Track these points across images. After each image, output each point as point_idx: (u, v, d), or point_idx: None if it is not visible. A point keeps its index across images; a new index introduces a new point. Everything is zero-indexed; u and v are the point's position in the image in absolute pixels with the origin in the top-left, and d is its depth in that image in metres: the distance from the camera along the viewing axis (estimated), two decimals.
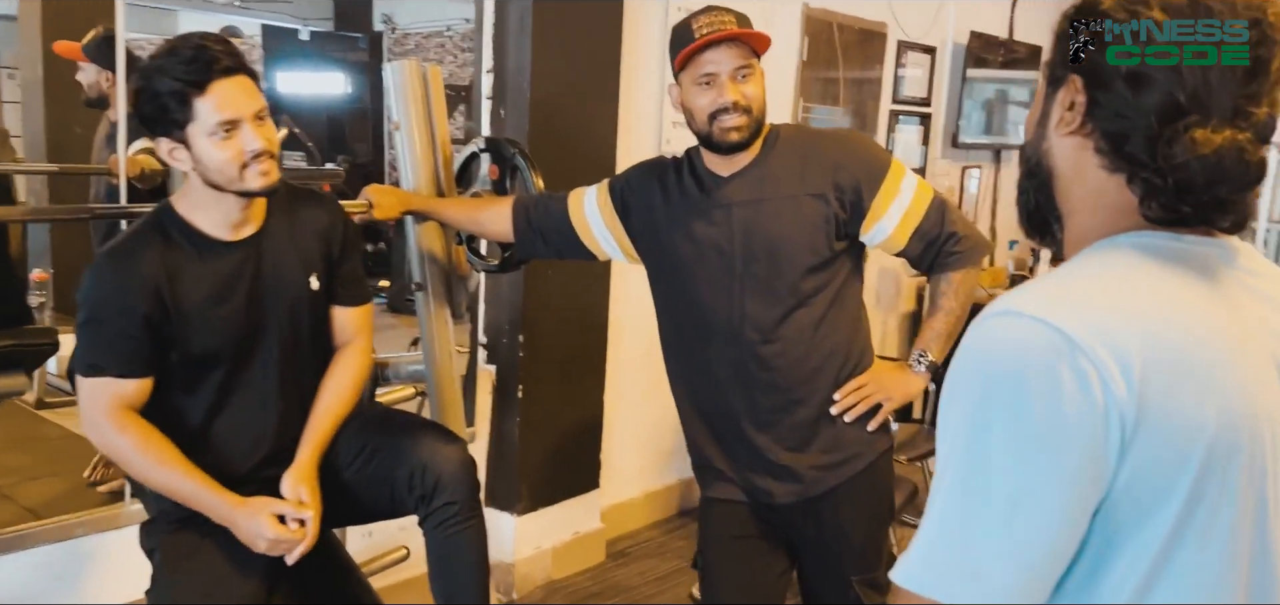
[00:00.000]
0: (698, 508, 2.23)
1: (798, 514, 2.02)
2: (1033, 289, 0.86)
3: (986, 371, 0.81)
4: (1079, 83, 0.90)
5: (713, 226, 1.98)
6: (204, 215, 1.80)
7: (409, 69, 2.40)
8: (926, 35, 5.10)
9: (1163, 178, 0.85)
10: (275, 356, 1.89)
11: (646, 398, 3.87)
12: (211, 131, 1.70)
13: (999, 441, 0.79)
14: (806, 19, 4.39)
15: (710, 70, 1.89)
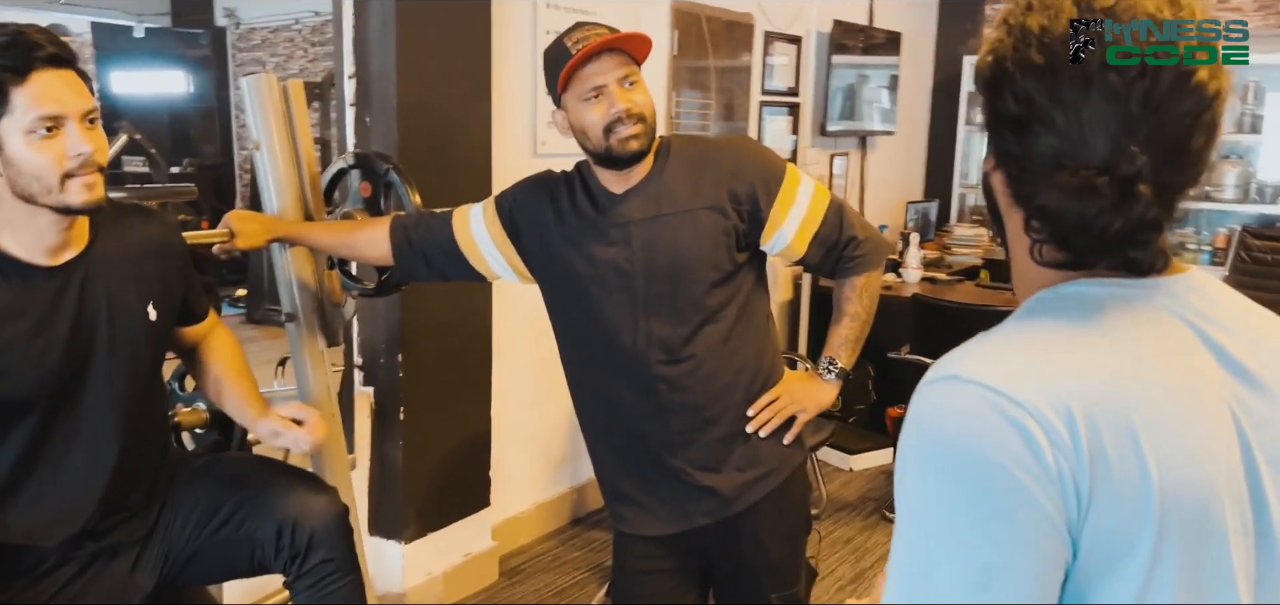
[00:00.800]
0: (597, 517, 2.15)
1: (717, 535, 1.95)
2: (976, 350, 0.82)
3: (939, 447, 0.78)
4: (988, 135, 0.88)
5: (612, 246, 1.90)
6: (13, 235, 1.54)
7: (267, 83, 2.22)
8: (792, 25, 5.12)
9: (1049, 227, 0.83)
10: (107, 400, 1.65)
11: (534, 406, 3.76)
12: (30, 128, 1.46)
13: (959, 518, 0.76)
14: (675, 11, 4.33)
15: (596, 83, 1.81)
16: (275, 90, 2.23)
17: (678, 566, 2.01)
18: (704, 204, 1.87)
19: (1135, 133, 0.78)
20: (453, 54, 3.16)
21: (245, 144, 8.82)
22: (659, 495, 1.96)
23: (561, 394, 1.94)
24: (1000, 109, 0.83)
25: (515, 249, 2.03)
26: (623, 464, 2.00)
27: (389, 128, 2.99)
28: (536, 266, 2.02)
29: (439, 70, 3.11)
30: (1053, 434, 0.75)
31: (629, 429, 1.96)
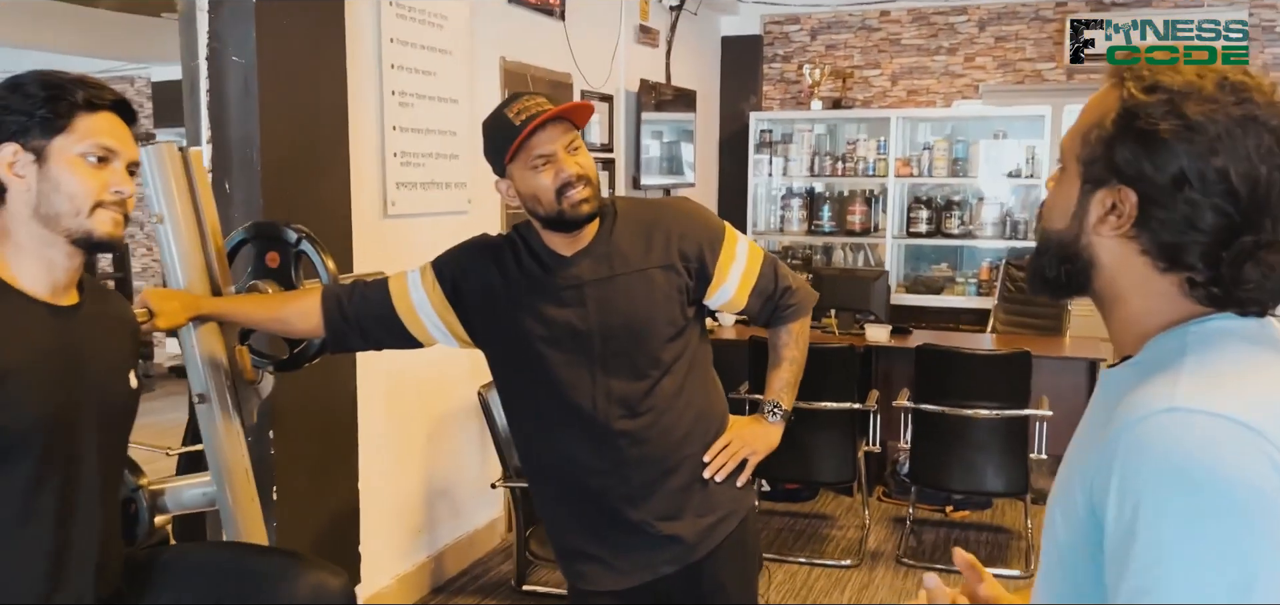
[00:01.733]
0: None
1: (680, 583, 2.01)
2: (1185, 383, 0.91)
3: (1189, 473, 0.85)
4: (1129, 196, 0.97)
5: (565, 308, 1.93)
6: (21, 267, 1.53)
7: (167, 152, 2.08)
8: (604, 84, 5.30)
9: (1225, 288, 0.95)
10: (95, 456, 1.59)
11: (390, 476, 3.66)
12: (85, 151, 1.51)
13: (1215, 536, 0.84)
14: (505, 71, 4.39)
15: (544, 151, 1.86)
16: (176, 159, 2.10)
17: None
18: (656, 263, 1.95)
19: None
20: (312, 119, 3.07)
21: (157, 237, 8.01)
22: (620, 549, 2.00)
23: (417, 461, 1.91)
24: (1161, 181, 0.95)
25: (455, 314, 2.02)
26: (581, 522, 2.02)
27: (252, 192, 2.87)
28: (481, 330, 2.02)
29: (300, 134, 3.01)
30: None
31: (587, 487, 1.98)
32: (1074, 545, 0.99)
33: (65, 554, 1.54)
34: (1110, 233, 1.00)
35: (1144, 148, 0.95)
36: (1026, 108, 6.40)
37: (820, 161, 6.73)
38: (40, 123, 1.51)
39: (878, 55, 6.93)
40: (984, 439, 4.15)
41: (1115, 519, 0.90)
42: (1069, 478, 1.01)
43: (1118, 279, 1.01)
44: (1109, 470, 0.92)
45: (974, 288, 6.48)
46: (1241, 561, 0.84)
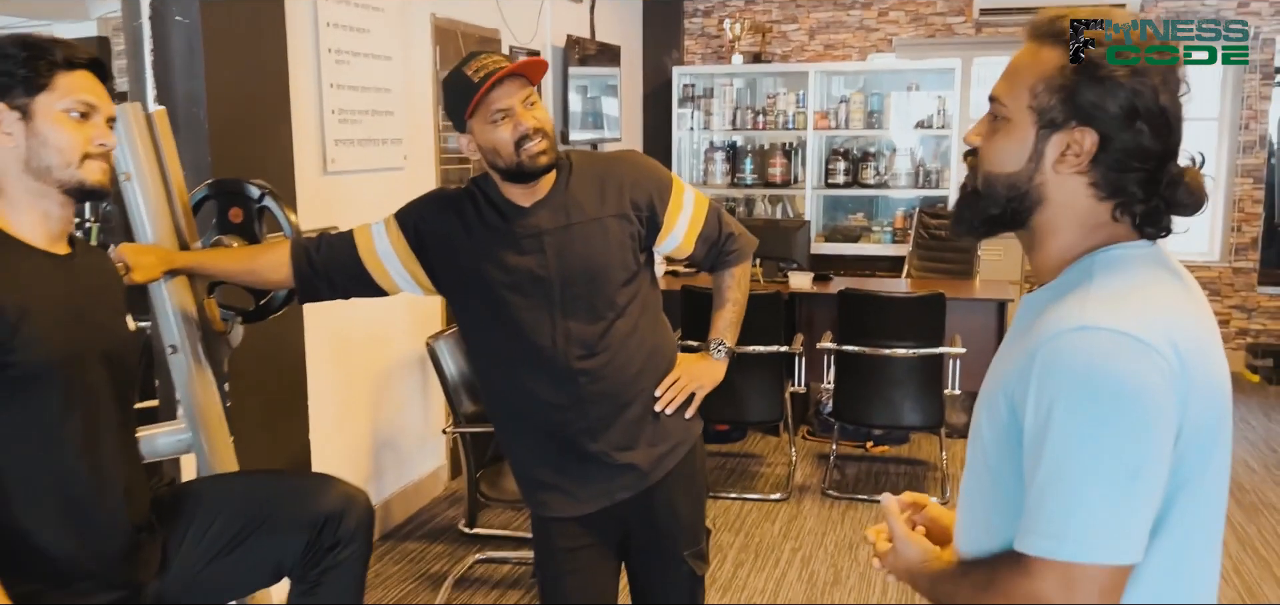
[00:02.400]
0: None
1: (635, 507, 2.17)
2: (1092, 304, 1.08)
3: (1093, 382, 1.03)
4: (1090, 135, 1.13)
5: (525, 256, 2.06)
6: (18, 218, 1.62)
7: (133, 112, 2.14)
8: (532, 40, 5.37)
9: (1157, 210, 1.15)
10: (111, 389, 1.68)
11: (339, 426, 3.75)
12: (67, 108, 1.60)
13: (1116, 434, 1.03)
14: (436, 28, 4.45)
15: (502, 106, 1.98)
16: (141, 119, 2.16)
17: (598, 541, 2.20)
18: (610, 212, 2.09)
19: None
20: (255, 77, 3.12)
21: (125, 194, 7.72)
22: (579, 478, 2.14)
23: (363, 413, 2.01)
24: (1114, 118, 1.13)
25: (419, 263, 2.13)
26: (542, 454, 2.16)
27: (201, 152, 2.91)
28: (444, 278, 2.14)
29: (244, 93, 3.06)
30: (1167, 360, 1.04)
31: (549, 421, 2.12)
32: (997, 443, 1.17)
33: (94, 478, 1.63)
34: (1068, 169, 1.15)
35: (1105, 90, 1.12)
36: (938, 61, 6.66)
37: (742, 115, 6.91)
38: (22, 82, 1.58)
39: (795, 10, 7.12)
40: (902, 377, 4.41)
41: (1032, 419, 1.08)
42: (994, 388, 1.18)
43: (1060, 213, 1.18)
44: (1027, 380, 1.09)
45: (889, 236, 6.76)
46: (1133, 453, 1.03)
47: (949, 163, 6.51)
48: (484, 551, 3.88)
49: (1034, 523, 1.07)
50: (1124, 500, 1.03)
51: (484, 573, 3.76)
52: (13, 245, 1.58)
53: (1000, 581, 1.11)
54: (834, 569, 3.76)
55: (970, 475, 1.26)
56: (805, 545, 3.97)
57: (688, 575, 2.25)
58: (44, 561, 1.57)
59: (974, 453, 1.24)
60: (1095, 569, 1.03)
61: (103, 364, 1.67)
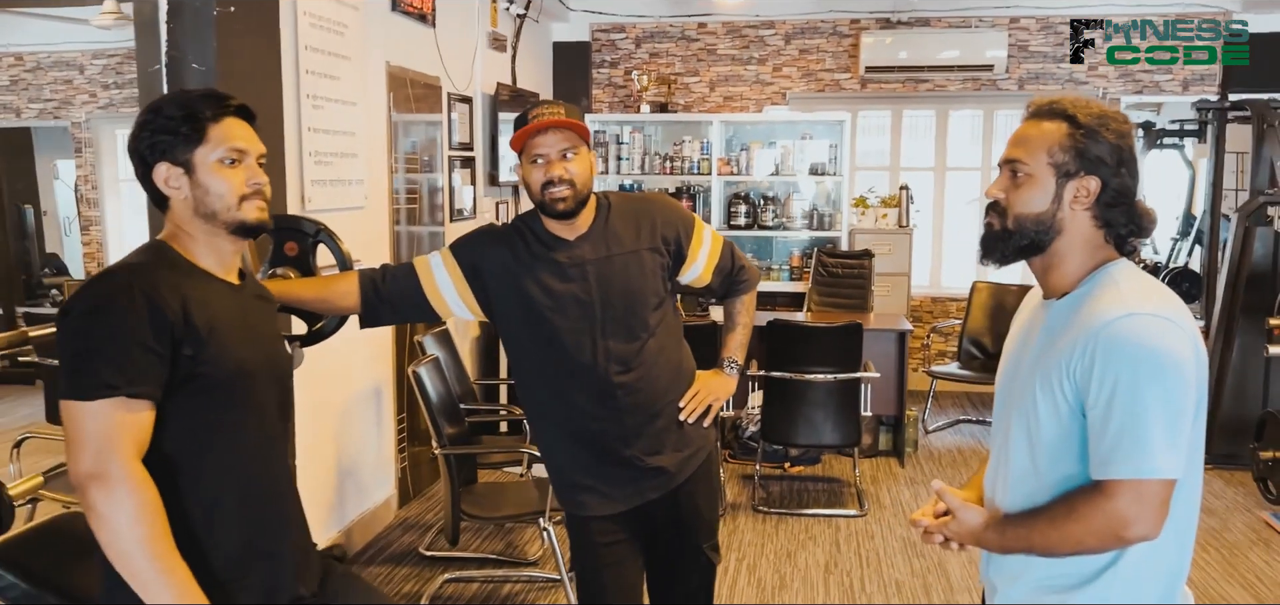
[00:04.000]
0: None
1: (662, 505, 2.47)
2: (1129, 298, 1.50)
3: (1147, 350, 1.46)
4: (1094, 182, 1.57)
5: (569, 282, 2.36)
6: (201, 253, 1.79)
7: None
8: (467, 87, 5.64)
9: (1137, 233, 1.60)
10: (275, 406, 1.86)
11: (309, 458, 3.90)
12: (221, 157, 1.75)
13: (1167, 386, 1.46)
14: (389, 74, 4.68)
15: (541, 152, 2.31)
16: None
17: (629, 536, 2.49)
18: (645, 245, 2.42)
19: None
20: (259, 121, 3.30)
21: None
22: (615, 480, 2.43)
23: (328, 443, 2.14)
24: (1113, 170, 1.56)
25: (471, 290, 2.41)
26: (581, 459, 2.44)
27: None
28: (496, 304, 2.41)
29: None
30: (1194, 337, 1.50)
31: (588, 429, 2.41)
32: (1053, 414, 1.56)
33: (266, 482, 1.81)
34: (1080, 207, 1.59)
35: (1106, 148, 1.57)
36: (828, 113, 7.24)
37: (650, 161, 7.31)
38: (182, 140, 1.74)
39: (697, 63, 7.60)
40: (824, 400, 4.85)
41: (1098, 386, 1.49)
42: (1048, 371, 1.57)
43: (1073, 239, 1.61)
44: (1091, 359, 1.49)
45: (787, 274, 7.27)
46: (1178, 400, 1.47)
47: (840, 206, 7.07)
48: (451, 571, 4.08)
49: (1112, 455, 1.47)
50: (1173, 434, 1.46)
51: (454, 592, 3.96)
52: (199, 273, 1.76)
53: (1080, 509, 1.50)
54: (778, 575, 4.13)
55: (1013, 445, 1.65)
56: (748, 555, 4.33)
57: (706, 564, 2.58)
58: (220, 556, 1.72)
59: (1017, 426, 1.63)
60: (1157, 483, 1.45)
61: (270, 381, 1.85)
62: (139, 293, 1.62)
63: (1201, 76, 7.05)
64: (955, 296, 7.43)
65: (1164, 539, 1.52)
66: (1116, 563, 1.56)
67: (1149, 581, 1.57)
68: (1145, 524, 1.47)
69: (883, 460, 5.70)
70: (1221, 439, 5.45)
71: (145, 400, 1.61)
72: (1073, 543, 1.52)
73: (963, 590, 3.99)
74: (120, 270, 1.70)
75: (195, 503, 1.71)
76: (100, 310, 1.61)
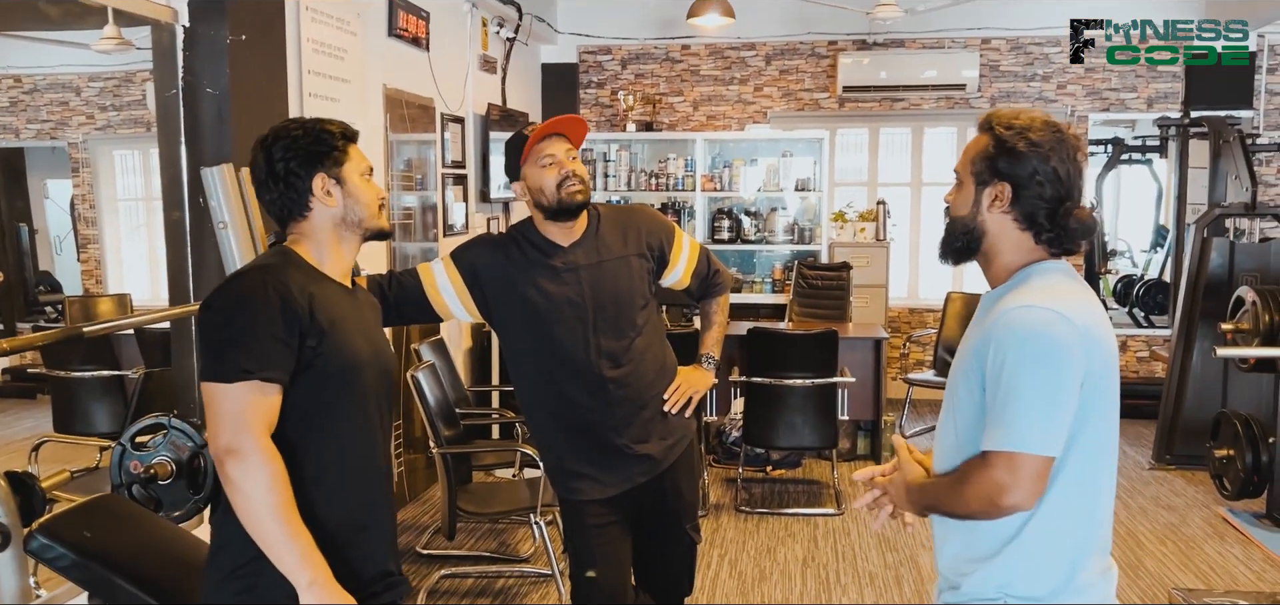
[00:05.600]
0: (563, 512, 2.76)
1: (649, 490, 2.69)
2: (1029, 293, 1.69)
3: (1031, 337, 1.63)
4: (1007, 187, 1.76)
5: (563, 285, 2.58)
6: (328, 262, 1.96)
7: (227, 173, 2.57)
8: (459, 108, 5.87)
9: (1060, 235, 1.77)
10: (377, 409, 2.01)
11: None
12: (362, 171, 1.97)
13: (1044, 370, 1.63)
14: (386, 96, 4.90)
15: (549, 153, 2.53)
16: (232, 177, 2.58)
17: (619, 519, 2.70)
18: (632, 252, 2.65)
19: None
20: None
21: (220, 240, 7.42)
22: (606, 467, 2.65)
23: None
24: (1025, 176, 1.73)
25: (470, 294, 2.62)
26: (576, 448, 2.66)
27: None
28: (493, 306, 2.63)
29: None
30: (1081, 331, 1.65)
31: (581, 420, 2.63)
32: (969, 392, 1.75)
33: (372, 466, 1.99)
34: (996, 210, 1.77)
35: (1014, 158, 1.74)
36: (807, 132, 7.50)
37: (636, 178, 7.56)
38: (335, 157, 1.94)
39: (681, 84, 7.86)
40: (803, 404, 5.08)
41: (991, 366, 1.67)
42: (967, 354, 1.78)
43: (998, 240, 1.78)
44: (989, 342, 1.69)
45: (770, 286, 7.51)
46: (1055, 382, 1.63)
47: (820, 221, 7.32)
48: (447, 568, 4.29)
49: (992, 429, 1.65)
50: (1049, 412, 1.62)
51: (450, 586, 4.17)
52: (321, 276, 1.94)
53: (968, 474, 1.69)
54: (758, 569, 4.35)
55: (944, 420, 1.85)
56: (730, 551, 4.55)
57: (689, 543, 2.80)
58: (327, 526, 1.88)
59: (949, 404, 1.83)
60: (1029, 457, 1.62)
61: (377, 374, 2.02)
62: (272, 290, 1.81)
63: (1165, 94, 7.34)
64: (931, 307, 7.68)
65: (1060, 516, 1.70)
66: (1018, 535, 1.71)
67: (1050, 556, 1.72)
68: (1018, 494, 1.62)
69: (861, 463, 5.93)
70: (1183, 440, 5.72)
71: (275, 384, 1.80)
72: (961, 504, 1.71)
73: (933, 580, 4.20)
74: (255, 270, 1.89)
75: (307, 477, 1.87)
76: (240, 304, 1.81)
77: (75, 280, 9.22)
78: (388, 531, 2.08)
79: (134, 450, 2.45)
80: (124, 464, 2.47)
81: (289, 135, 1.93)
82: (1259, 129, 7.17)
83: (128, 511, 2.32)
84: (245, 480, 1.74)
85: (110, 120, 9.20)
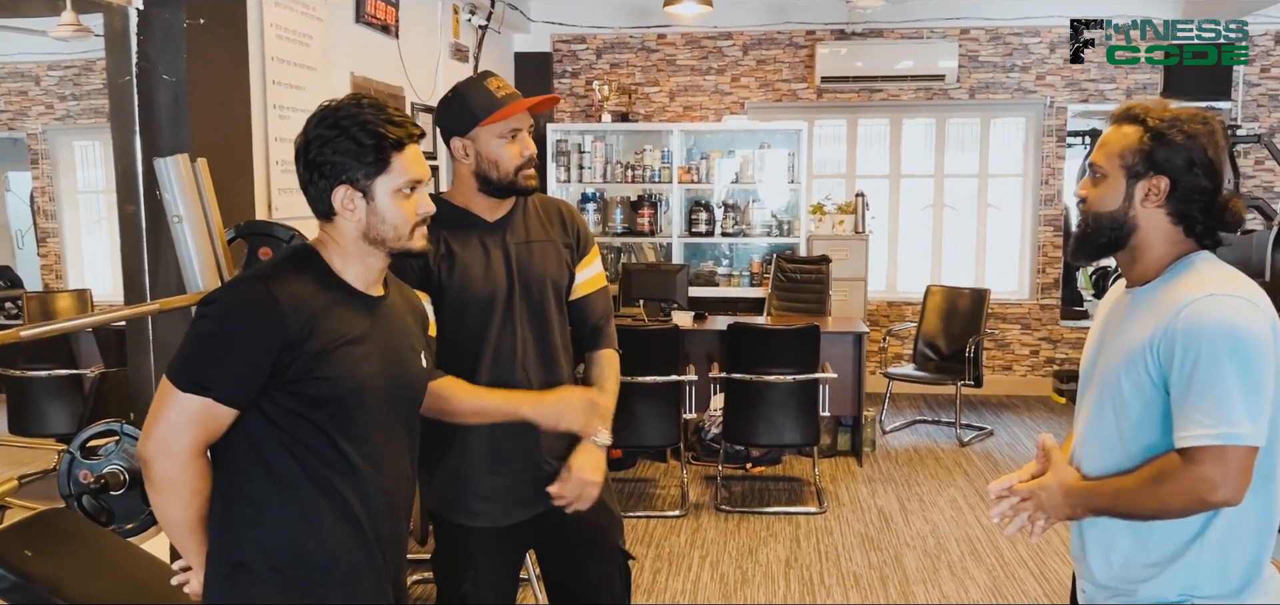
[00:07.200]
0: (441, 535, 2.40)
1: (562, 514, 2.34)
2: (1207, 281, 1.63)
3: (1227, 326, 1.58)
4: (1164, 180, 1.68)
5: (489, 264, 2.29)
6: (351, 271, 1.79)
7: (182, 164, 2.41)
8: (430, 97, 5.71)
9: (1213, 227, 1.70)
10: (401, 423, 1.86)
11: None
12: (399, 187, 1.75)
13: (1247, 359, 1.57)
14: (353, 84, 4.74)
15: (516, 126, 2.26)
16: (189, 168, 2.42)
17: (512, 548, 2.40)
18: (557, 239, 2.40)
19: None
20: (227, 130, 3.37)
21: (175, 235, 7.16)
22: (525, 483, 2.30)
23: None
24: (1184, 171, 1.67)
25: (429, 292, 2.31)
26: (492, 460, 2.30)
27: None
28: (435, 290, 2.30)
29: (219, 144, 3.30)
30: (1271, 318, 1.60)
31: (502, 426, 2.27)
32: (1136, 390, 1.68)
33: (372, 494, 1.79)
34: (1151, 205, 1.70)
35: (1172, 150, 1.67)
36: (786, 123, 7.40)
37: (611, 169, 7.42)
38: (366, 167, 1.73)
39: (657, 74, 7.72)
40: (783, 400, 4.98)
41: (1180, 363, 1.59)
42: (1134, 352, 1.68)
43: (1149, 234, 1.73)
44: (1173, 337, 1.62)
45: (747, 279, 7.41)
46: (1257, 372, 1.58)
47: (799, 213, 7.22)
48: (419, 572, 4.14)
49: (1196, 423, 1.57)
50: (1253, 402, 1.57)
51: (424, 593, 4.03)
52: (340, 287, 1.77)
53: (1167, 472, 1.61)
54: (740, 570, 4.25)
55: (1100, 420, 1.77)
56: (712, 552, 4.44)
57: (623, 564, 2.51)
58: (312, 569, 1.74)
59: (1107, 404, 1.75)
60: (1239, 449, 1.56)
61: (389, 396, 1.81)
62: (265, 309, 1.65)
63: (1143, 86, 7.29)
64: (910, 300, 7.61)
65: (1244, 513, 1.63)
66: (1203, 534, 1.66)
67: (1236, 552, 1.66)
68: (1228, 488, 1.57)
69: (841, 460, 5.84)
70: None
71: (231, 407, 1.66)
72: (1156, 503, 1.63)
73: (918, 581, 4.12)
74: (260, 278, 1.72)
75: (295, 510, 1.73)
76: (226, 316, 1.68)
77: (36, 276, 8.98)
78: (393, 570, 1.88)
79: (84, 458, 2.30)
80: (73, 473, 2.32)
81: (326, 128, 1.74)
82: (1237, 121, 7.14)
83: (74, 528, 2.17)
84: (169, 488, 1.69)
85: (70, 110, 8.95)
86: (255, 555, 1.72)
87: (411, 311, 1.98)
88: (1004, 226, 7.74)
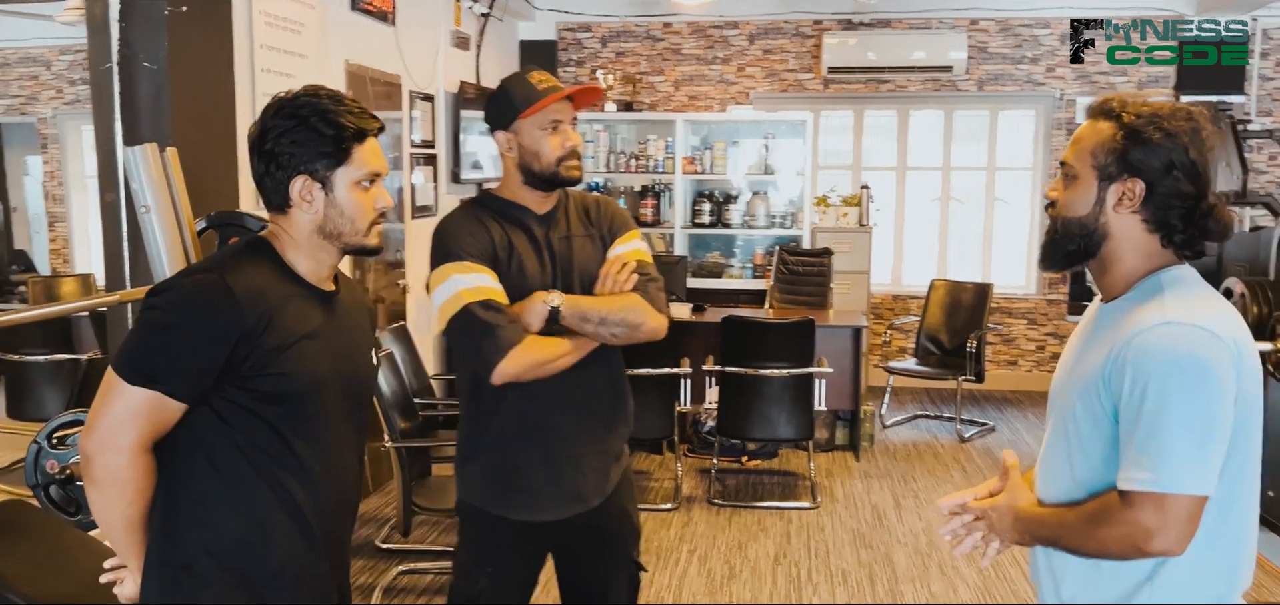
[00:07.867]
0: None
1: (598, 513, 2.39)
2: (1169, 307, 1.46)
3: (1178, 362, 1.41)
4: (1139, 184, 1.50)
5: (537, 257, 2.30)
6: (303, 263, 1.76)
7: (151, 153, 2.40)
8: (429, 85, 5.69)
9: (1194, 238, 1.52)
10: (350, 419, 1.84)
11: None
12: (359, 180, 1.72)
13: (1197, 399, 1.40)
14: (348, 72, 4.73)
15: (556, 117, 2.24)
16: (157, 158, 2.41)
17: (540, 545, 2.42)
18: (593, 233, 2.39)
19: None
20: (210, 118, 3.36)
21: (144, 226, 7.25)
22: (565, 483, 2.33)
23: None
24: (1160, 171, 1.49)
25: None
26: (540, 456, 2.32)
27: None
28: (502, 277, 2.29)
29: (202, 133, 3.29)
30: (1231, 350, 1.42)
31: (550, 422, 2.30)
32: (1089, 416, 1.54)
33: (317, 494, 1.77)
34: (1125, 210, 1.52)
35: (1149, 150, 1.49)
36: (791, 113, 7.34)
37: (615, 159, 7.38)
38: (326, 157, 1.70)
39: (662, 63, 7.68)
40: (778, 394, 4.94)
41: (1129, 394, 1.44)
42: (1089, 375, 1.54)
43: (1121, 244, 1.55)
44: (1124, 365, 1.46)
45: (750, 271, 7.36)
46: (1208, 413, 1.42)
47: (803, 205, 7.17)
48: (405, 564, 4.14)
49: (1136, 466, 1.43)
50: (1201, 448, 1.41)
51: (409, 582, 4.03)
52: (293, 281, 1.74)
53: (1105, 515, 1.47)
54: (728, 566, 4.22)
55: (1055, 444, 1.64)
56: (700, 547, 4.42)
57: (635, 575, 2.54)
58: (262, 566, 1.72)
59: (1062, 427, 1.62)
60: (1183, 498, 1.40)
61: (342, 393, 1.81)
62: (220, 300, 1.62)
63: (1156, 79, 7.19)
64: (915, 294, 7.54)
65: (1206, 560, 1.49)
66: (1153, 578, 1.52)
67: (1193, 597, 1.51)
68: (1166, 539, 1.42)
69: (839, 454, 5.80)
70: None
71: (180, 401, 1.64)
72: (1095, 545, 1.50)
73: (907, 580, 4.08)
74: (214, 268, 1.69)
75: (244, 510, 1.71)
76: (180, 307, 1.63)
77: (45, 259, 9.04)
78: (339, 572, 1.86)
79: (51, 448, 2.30)
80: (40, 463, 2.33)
81: (284, 118, 1.70)
82: (1250, 115, 7.03)
83: (32, 521, 2.16)
84: (112, 484, 1.64)
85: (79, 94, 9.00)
86: (201, 557, 1.69)
87: (361, 308, 1.97)
88: (1012, 220, 7.66)
